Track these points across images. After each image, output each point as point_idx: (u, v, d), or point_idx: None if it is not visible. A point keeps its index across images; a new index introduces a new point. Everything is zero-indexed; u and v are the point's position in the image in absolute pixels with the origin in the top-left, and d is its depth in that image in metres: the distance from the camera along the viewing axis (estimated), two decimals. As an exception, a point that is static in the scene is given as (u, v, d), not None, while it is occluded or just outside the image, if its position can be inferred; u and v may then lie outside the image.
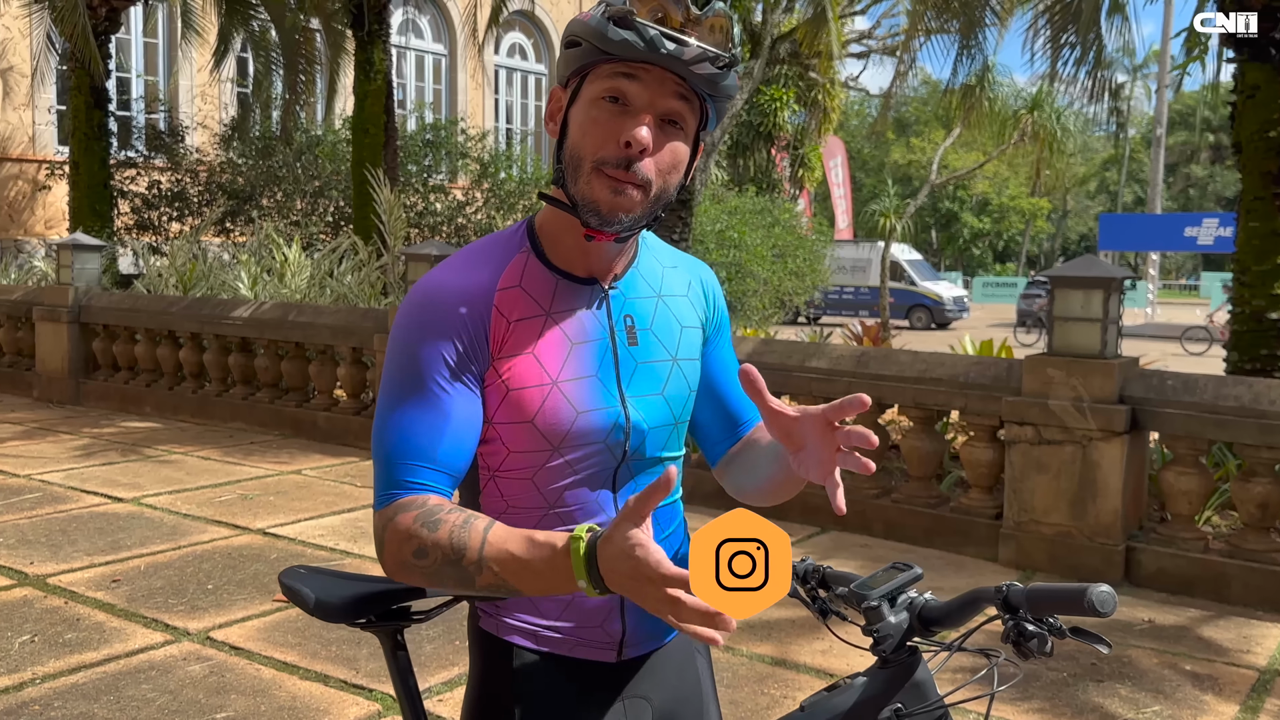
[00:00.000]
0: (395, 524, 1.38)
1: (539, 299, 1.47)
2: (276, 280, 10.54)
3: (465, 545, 1.32)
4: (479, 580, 1.32)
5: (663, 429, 1.54)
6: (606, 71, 1.39)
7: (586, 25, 1.38)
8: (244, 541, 5.74)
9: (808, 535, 6.13)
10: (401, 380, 1.42)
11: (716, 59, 1.37)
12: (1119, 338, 5.62)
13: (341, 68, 14.96)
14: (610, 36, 1.35)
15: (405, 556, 1.37)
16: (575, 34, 1.40)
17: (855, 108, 51.74)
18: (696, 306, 1.63)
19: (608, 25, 1.35)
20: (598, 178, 1.39)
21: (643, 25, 1.34)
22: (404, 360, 1.43)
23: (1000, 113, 19.58)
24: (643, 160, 1.38)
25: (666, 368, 1.54)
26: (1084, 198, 66.84)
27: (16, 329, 11.10)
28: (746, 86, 13.22)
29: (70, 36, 12.15)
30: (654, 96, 1.38)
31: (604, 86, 1.39)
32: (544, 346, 1.45)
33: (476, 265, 1.47)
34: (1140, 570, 5.36)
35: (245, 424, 9.14)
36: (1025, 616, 1.36)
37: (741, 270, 16.91)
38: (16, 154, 17.17)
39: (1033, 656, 1.35)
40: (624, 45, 1.35)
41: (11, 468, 7.36)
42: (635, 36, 1.34)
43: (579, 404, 1.45)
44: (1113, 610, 1.29)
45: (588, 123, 1.40)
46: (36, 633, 4.35)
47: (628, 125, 1.38)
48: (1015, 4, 10.89)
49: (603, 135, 1.39)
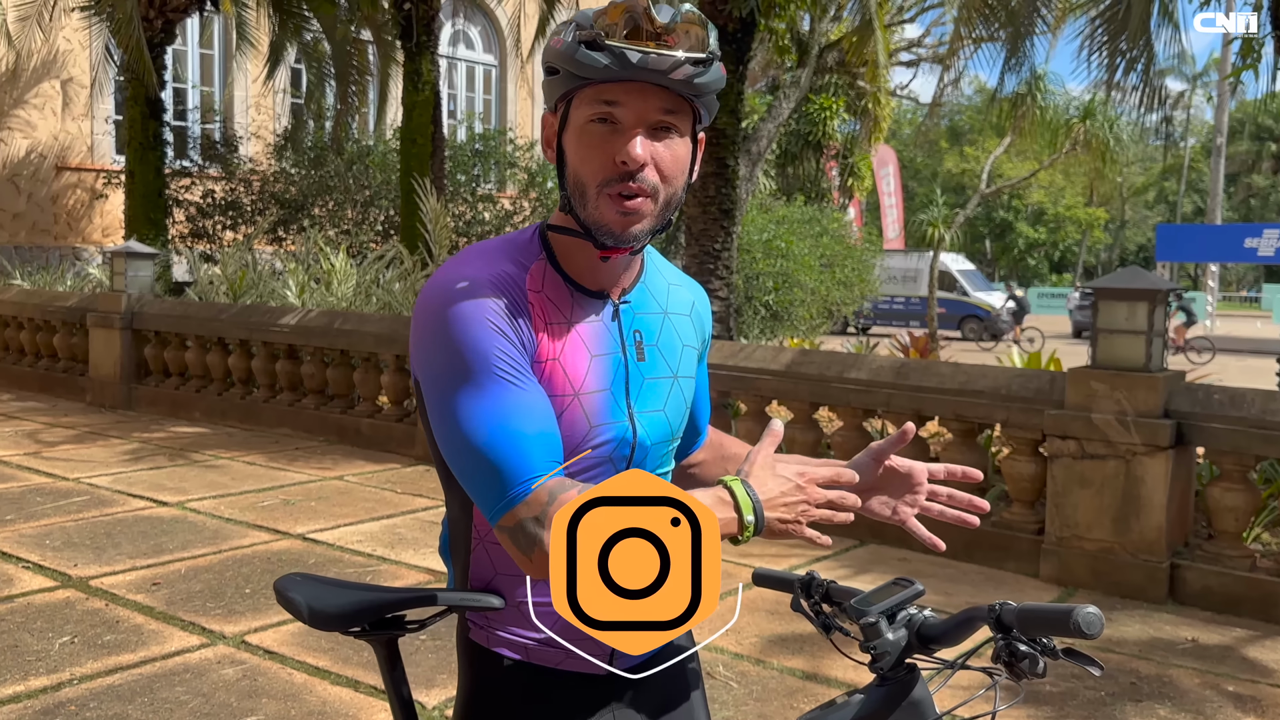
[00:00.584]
0: (563, 502, 1.29)
1: (560, 307, 1.46)
2: (323, 288, 10.66)
3: None
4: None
5: (662, 445, 1.55)
6: (589, 95, 1.39)
7: (559, 52, 1.38)
8: (284, 546, 5.80)
9: (845, 548, 6.07)
10: (467, 374, 1.35)
11: (694, 62, 1.36)
12: (1164, 350, 5.52)
13: (392, 78, 15.14)
14: (583, 61, 1.35)
15: None
16: (551, 62, 1.40)
17: (908, 116, 51.34)
18: (696, 327, 1.65)
19: (578, 50, 1.35)
20: (604, 200, 1.39)
21: (612, 45, 1.33)
22: (461, 353, 1.36)
23: (1052, 122, 19.34)
24: (644, 171, 1.38)
25: (668, 384, 1.55)
26: (1142, 208, 65.82)
27: (71, 335, 11.33)
28: (794, 95, 13.19)
29: (126, 48, 12.39)
30: (640, 111, 1.38)
31: (590, 111, 1.39)
32: (569, 356, 1.45)
33: (501, 258, 1.45)
34: (1185, 588, 5.25)
35: (291, 430, 9.25)
36: (1018, 636, 1.33)
37: (789, 280, 16.80)
38: (75, 163, 17.54)
39: (1025, 677, 1.32)
40: (598, 68, 1.34)
41: (62, 471, 7.51)
42: (607, 58, 1.34)
43: (593, 418, 1.45)
44: (1099, 633, 1.26)
45: (582, 148, 1.40)
46: (76, 634, 4.42)
47: (620, 144, 1.38)
48: (1066, 13, 10.76)
49: (599, 159, 1.39)
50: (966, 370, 6.08)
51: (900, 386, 6.11)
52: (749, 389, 6.67)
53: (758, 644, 4.52)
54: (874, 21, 11.76)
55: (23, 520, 6.16)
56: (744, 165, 11.69)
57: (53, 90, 17.32)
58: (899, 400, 6.11)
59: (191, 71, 19.50)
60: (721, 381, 6.74)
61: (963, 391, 5.92)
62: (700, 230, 9.53)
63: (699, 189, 9.57)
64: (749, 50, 9.62)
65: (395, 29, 12.78)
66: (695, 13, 1.38)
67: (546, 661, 1.49)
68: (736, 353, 6.86)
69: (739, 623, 4.76)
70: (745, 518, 1.33)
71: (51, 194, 17.34)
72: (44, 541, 5.74)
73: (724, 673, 4.21)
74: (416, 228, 11.42)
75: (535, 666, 1.50)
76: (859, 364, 6.41)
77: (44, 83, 17.22)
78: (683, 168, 1.43)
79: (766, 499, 1.36)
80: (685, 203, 9.91)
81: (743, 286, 16.02)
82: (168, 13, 13.54)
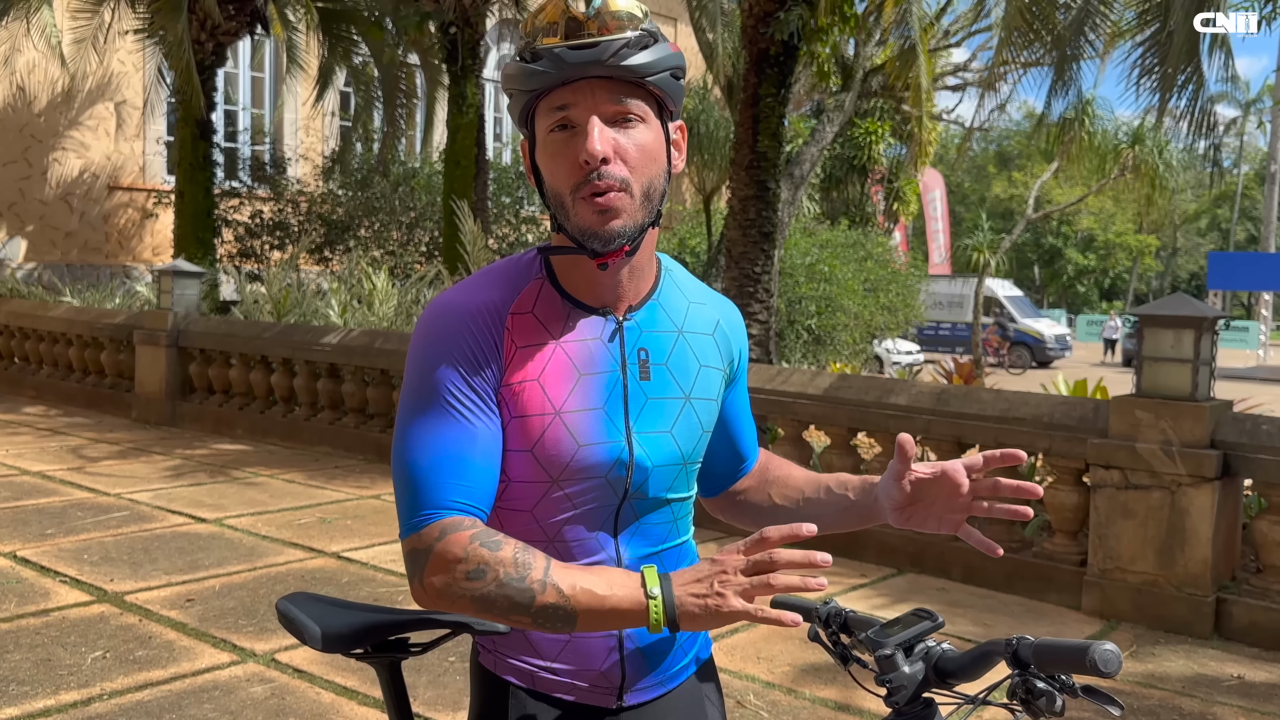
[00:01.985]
0: (447, 543, 1.33)
1: (550, 327, 1.44)
2: (365, 308, 10.74)
3: (530, 565, 1.31)
4: (539, 599, 1.29)
5: (669, 468, 1.49)
6: (544, 107, 1.40)
7: (509, 75, 1.41)
8: (318, 564, 5.82)
9: (882, 576, 5.99)
10: (420, 399, 1.40)
11: (626, 44, 1.35)
12: (1211, 379, 5.40)
13: (438, 102, 15.28)
14: (526, 75, 1.37)
15: (456, 578, 1.32)
16: (506, 86, 1.43)
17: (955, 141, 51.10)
18: (721, 347, 1.59)
19: (521, 65, 1.38)
20: (580, 204, 1.38)
21: (545, 49, 1.35)
22: (421, 378, 1.41)
23: (1100, 147, 19.12)
24: (608, 165, 1.36)
25: (678, 405, 1.50)
26: (1194, 235, 64.92)
27: (119, 351, 11.49)
28: (838, 119, 13.15)
29: (177, 70, 12.61)
30: (590, 106, 1.37)
31: (547, 121, 1.40)
32: (550, 375, 1.42)
33: (490, 285, 1.46)
34: (1231, 623, 5.11)
35: (331, 448, 9.30)
36: (1035, 673, 1.28)
37: (831, 304, 16.72)
38: (127, 183, 17.85)
39: (1042, 715, 1.27)
40: (540, 76, 1.36)
41: (104, 486, 7.59)
42: (544, 64, 1.35)
43: (581, 436, 1.42)
44: (1116, 671, 1.20)
45: (549, 160, 1.40)
46: (109, 649, 4.45)
47: (579, 144, 1.37)
48: (1115, 37, 10.65)
49: (565, 165, 1.38)
50: (1008, 397, 5.99)
51: (940, 413, 6.03)
52: (786, 413, 6.61)
53: (790, 673, 4.45)
54: (918, 46, 11.70)
55: (62, 534, 6.23)
56: (786, 189, 11.66)
57: (106, 112, 17.66)
58: (939, 427, 6.02)
59: (242, 94, 19.81)
60: (759, 405, 6.69)
61: (1004, 419, 5.82)
62: (740, 253, 9.50)
63: (739, 212, 9.54)
64: (791, 74, 9.59)
65: (441, 53, 12.91)
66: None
67: (553, 691, 1.46)
68: (774, 376, 6.80)
69: (771, 650, 4.69)
70: (650, 589, 1.28)
71: (103, 213, 17.65)
72: (82, 556, 5.80)
73: (755, 702, 4.15)
74: (458, 249, 11.49)
75: (541, 695, 1.46)
76: (898, 389, 6.33)
77: (98, 104, 17.56)
78: (652, 155, 1.40)
79: (677, 577, 1.30)
80: (725, 225, 9.90)
81: (785, 310, 15.96)
82: (219, 35, 13.76)
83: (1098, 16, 8.93)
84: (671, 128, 1.46)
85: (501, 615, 1.32)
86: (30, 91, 16.79)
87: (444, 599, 1.34)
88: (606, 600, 1.28)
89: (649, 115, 1.41)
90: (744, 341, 1.66)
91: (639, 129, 1.39)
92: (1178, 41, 7.75)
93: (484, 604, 1.32)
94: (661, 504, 1.50)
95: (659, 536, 1.50)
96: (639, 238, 1.41)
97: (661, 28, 9.44)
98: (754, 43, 9.43)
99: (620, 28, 1.35)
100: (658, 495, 1.49)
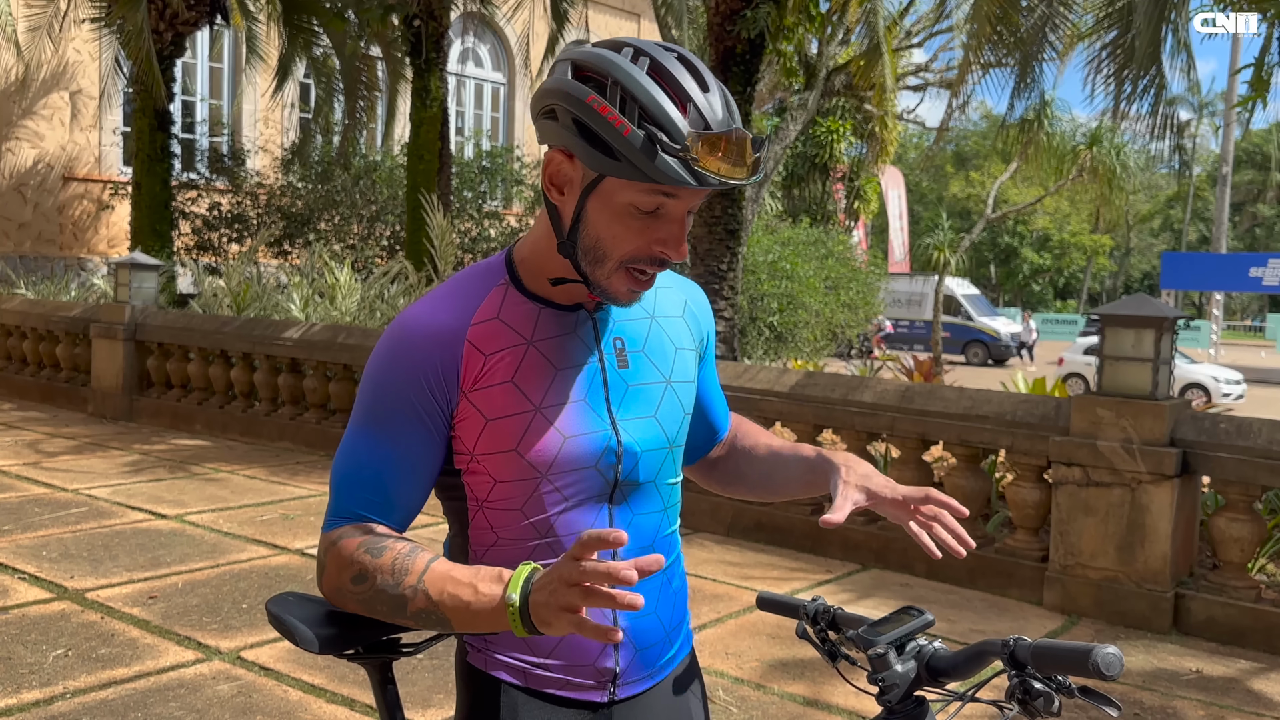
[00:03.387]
0: (338, 548, 1.40)
1: (519, 329, 1.45)
2: (328, 303, 10.65)
3: (407, 570, 1.33)
4: (410, 606, 1.32)
5: (657, 452, 1.51)
6: (644, 188, 1.33)
7: (622, 139, 1.28)
8: (282, 561, 5.77)
9: (847, 572, 6.03)
10: (364, 412, 1.46)
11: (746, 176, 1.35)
12: (1170, 378, 5.49)
13: (400, 95, 15.16)
14: (660, 169, 1.28)
15: (343, 582, 1.39)
16: (603, 136, 1.30)
17: (914, 140, 51.45)
18: (691, 327, 1.63)
19: (655, 154, 1.27)
20: (623, 274, 1.39)
21: (699, 169, 1.28)
22: (370, 393, 1.46)
23: (1059, 148, 19.34)
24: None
25: (659, 390, 1.53)
26: (1148, 235, 65.87)
27: (74, 345, 11.32)
28: (801, 118, 13.21)
29: (136, 60, 12.42)
30: (690, 205, 1.38)
31: (641, 200, 1.34)
32: (525, 374, 1.44)
33: (451, 301, 1.47)
34: (1189, 618, 5.20)
35: (292, 444, 9.22)
36: (1032, 673, 1.30)
37: (793, 301, 16.82)
38: (82, 174, 17.58)
39: (1039, 716, 1.28)
40: (673, 178, 1.28)
41: (61, 482, 7.47)
42: (686, 172, 1.28)
43: (566, 429, 1.43)
44: (1118, 674, 1.23)
45: (617, 226, 1.36)
46: (71, 647, 4.39)
47: (661, 230, 1.37)
48: (1076, 40, 10.78)
49: (637, 240, 1.37)
50: (971, 395, 6.05)
51: (905, 410, 6.08)
52: (753, 410, 6.64)
53: (759, 668, 4.48)
54: (882, 45, 11.77)
55: (20, 531, 6.13)
56: (750, 187, 11.69)
57: (61, 101, 17.37)
58: (903, 424, 6.07)
59: (201, 84, 19.57)
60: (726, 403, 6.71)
61: (967, 416, 5.89)
62: (706, 250, 9.52)
63: (705, 209, 9.56)
64: (757, 72, 9.62)
65: (405, 45, 12.82)
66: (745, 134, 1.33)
67: (545, 687, 1.46)
68: (741, 374, 6.83)
69: (740, 646, 4.71)
70: (509, 594, 1.24)
71: (58, 204, 17.37)
72: (41, 553, 5.71)
73: (724, 697, 4.17)
74: (423, 243, 11.43)
75: (533, 692, 1.47)
76: (864, 387, 6.38)
77: (53, 94, 17.27)
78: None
79: (539, 580, 1.23)
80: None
81: (747, 307, 16.02)
82: (178, 25, 13.58)
83: (1058, 18, 9.03)
84: None
85: (387, 618, 1.38)
86: (-18, 79, 16.48)
87: (337, 600, 1.42)
88: (471, 606, 1.28)
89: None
90: (711, 320, 1.70)
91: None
92: (1141, 46, 7.86)
93: (368, 607, 1.38)
94: (651, 489, 1.52)
95: (651, 526, 1.52)
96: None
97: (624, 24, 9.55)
98: (720, 40, 9.44)
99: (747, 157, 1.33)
100: (648, 480, 1.51)
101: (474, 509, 1.47)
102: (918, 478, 6.16)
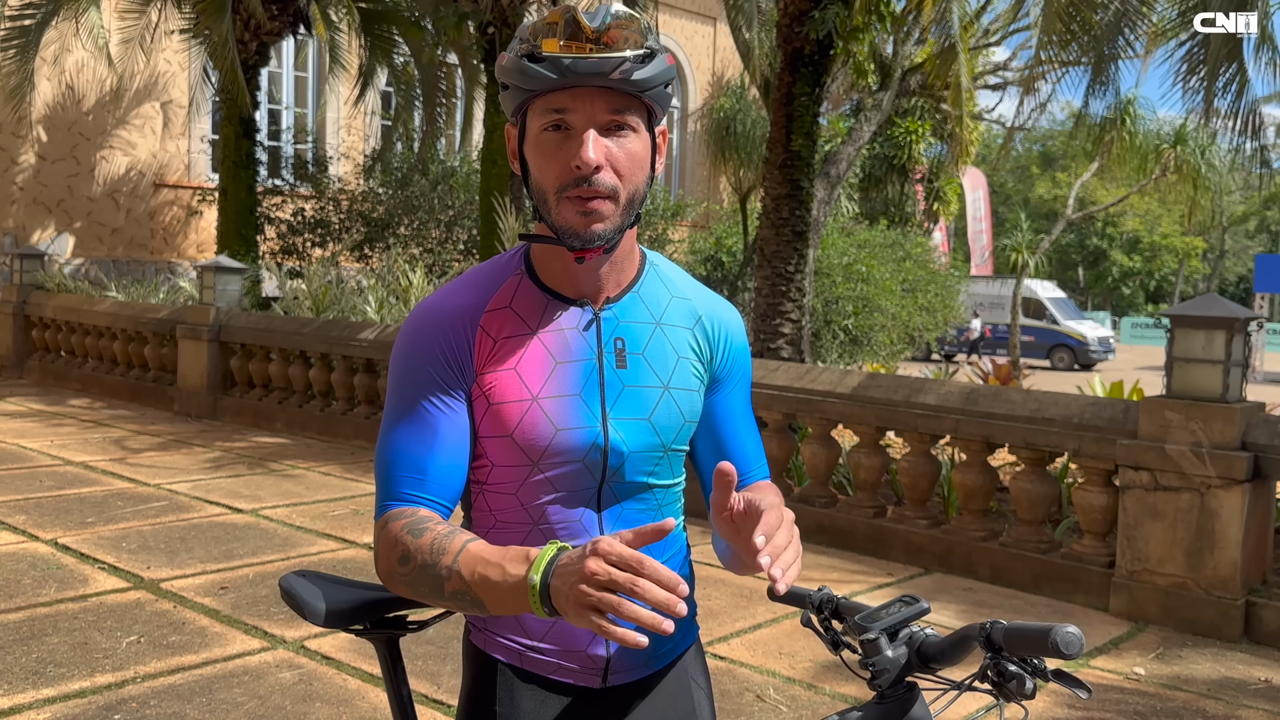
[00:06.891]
0: (386, 531, 1.43)
1: (527, 319, 1.50)
2: (402, 304, 10.85)
3: (444, 550, 1.36)
4: (447, 586, 1.34)
5: (648, 454, 1.53)
6: (540, 106, 1.43)
7: (507, 68, 1.43)
8: (349, 555, 5.91)
9: (909, 576, 5.99)
10: (396, 398, 1.50)
11: (633, 60, 1.39)
12: (1243, 381, 5.36)
13: (476, 101, 15.38)
14: (527, 74, 1.40)
15: (391, 564, 1.42)
16: (501, 78, 1.46)
17: (998, 141, 50.62)
18: (700, 341, 1.60)
19: (521, 63, 1.40)
20: (565, 204, 1.43)
21: (551, 55, 1.38)
22: (398, 379, 1.51)
23: (1141, 147, 18.89)
24: (599, 174, 1.41)
25: (656, 394, 1.54)
26: (1242, 237, 63.94)
27: (161, 345, 11.69)
28: (875, 119, 13.10)
29: (221, 69, 12.79)
30: (589, 113, 1.41)
31: (542, 120, 1.44)
32: (527, 363, 1.48)
33: (468, 288, 1.53)
34: (1260, 627, 5.07)
35: (367, 442, 9.42)
36: (1007, 656, 1.31)
37: (869, 304, 16.66)
38: (172, 180, 18.13)
39: (1014, 699, 1.29)
40: (542, 78, 1.39)
41: (145, 477, 7.74)
42: (548, 67, 1.38)
43: (558, 421, 1.47)
44: (1078, 653, 1.23)
45: (539, 157, 1.44)
46: (143, 634, 4.55)
47: (573, 148, 1.41)
48: (1156, 37, 10.54)
49: (556, 165, 1.43)
50: (1038, 397, 5.96)
51: (969, 413, 6.02)
52: (815, 412, 6.63)
53: (811, 669, 4.47)
54: (957, 45, 11.63)
55: (103, 523, 6.37)
56: (822, 188, 11.63)
57: (153, 111, 17.93)
58: (968, 426, 6.01)
59: (286, 93, 20.04)
60: (788, 404, 6.71)
61: (1033, 419, 5.80)
62: (773, 252, 9.50)
63: (772, 211, 9.54)
64: (827, 73, 9.58)
65: (479, 53, 13.00)
66: (626, 12, 1.40)
67: (539, 670, 1.51)
68: (803, 375, 6.82)
69: (794, 646, 4.71)
70: (531, 576, 1.24)
71: (149, 210, 17.93)
72: (121, 544, 5.93)
73: (775, 696, 4.18)
74: (495, 246, 11.57)
75: (528, 674, 1.51)
76: (927, 389, 6.32)
77: (145, 104, 17.84)
78: (640, 164, 1.46)
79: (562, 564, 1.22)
80: (759, 224, 9.90)
81: (821, 310, 15.92)
82: (262, 35, 13.94)
83: (1136, 16, 8.84)
84: (656, 133, 1.51)
85: (430, 600, 1.40)
86: (79, 90, 17.08)
87: (389, 583, 1.44)
88: (499, 586, 1.29)
89: (640, 125, 1.46)
90: (737, 347, 1.64)
91: (630, 138, 1.44)
92: (1217, 42, 7.67)
93: (413, 589, 1.40)
94: (642, 489, 1.54)
95: (642, 522, 1.54)
96: (617, 239, 1.47)
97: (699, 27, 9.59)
98: (788, 41, 9.42)
99: (622, 40, 1.39)
100: (636, 480, 1.53)
101: (476, 491, 1.53)
102: (983, 481, 6.09)
